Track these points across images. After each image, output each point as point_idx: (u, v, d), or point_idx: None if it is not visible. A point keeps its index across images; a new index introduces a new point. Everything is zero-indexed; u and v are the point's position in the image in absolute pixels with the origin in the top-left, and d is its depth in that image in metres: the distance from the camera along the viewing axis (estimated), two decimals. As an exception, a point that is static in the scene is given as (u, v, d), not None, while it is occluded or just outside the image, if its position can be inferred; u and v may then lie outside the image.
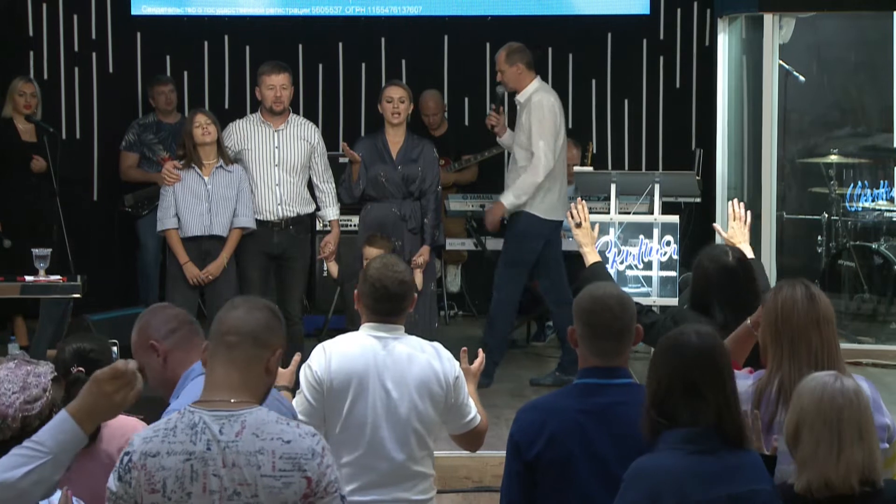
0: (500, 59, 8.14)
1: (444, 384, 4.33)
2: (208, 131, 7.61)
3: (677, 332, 3.52)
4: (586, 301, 3.84)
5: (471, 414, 4.45)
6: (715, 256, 4.84)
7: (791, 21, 9.17)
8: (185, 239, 7.62)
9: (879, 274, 9.42)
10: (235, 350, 3.13)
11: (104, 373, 2.88)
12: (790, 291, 3.98)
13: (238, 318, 3.17)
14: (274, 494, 3.03)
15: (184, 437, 3.04)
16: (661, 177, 7.41)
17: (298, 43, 10.38)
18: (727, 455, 3.37)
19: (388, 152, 7.86)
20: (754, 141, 9.31)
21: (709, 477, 3.33)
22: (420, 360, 4.32)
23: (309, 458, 3.06)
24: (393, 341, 4.32)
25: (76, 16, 10.32)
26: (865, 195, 9.40)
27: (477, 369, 4.56)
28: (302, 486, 3.04)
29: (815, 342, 3.90)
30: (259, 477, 3.02)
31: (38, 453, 2.82)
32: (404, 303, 4.36)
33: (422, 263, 7.80)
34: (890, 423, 3.98)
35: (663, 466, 3.36)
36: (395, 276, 4.32)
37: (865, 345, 9.04)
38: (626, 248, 7.00)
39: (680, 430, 3.37)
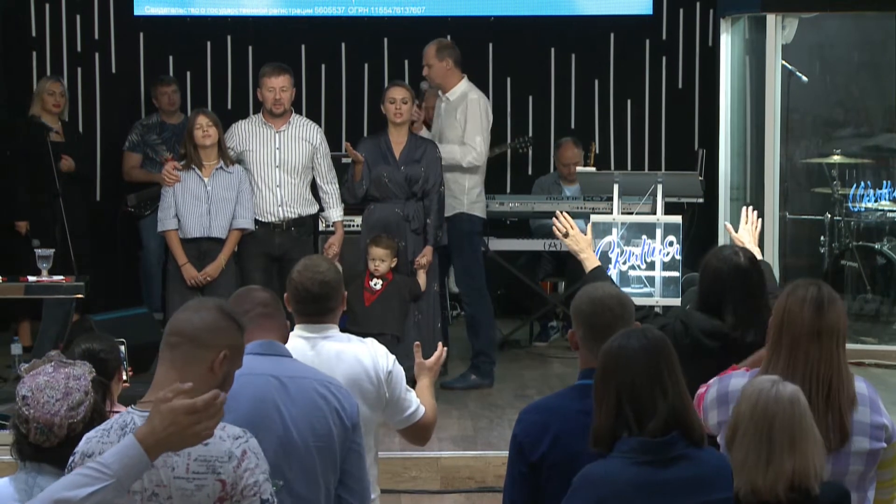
0: (430, 53, 8.14)
1: (374, 380, 4.28)
2: (208, 133, 7.61)
3: (618, 338, 3.47)
4: (585, 303, 3.82)
5: (411, 408, 4.37)
6: (726, 257, 4.81)
7: (794, 21, 9.16)
8: (185, 240, 7.63)
9: (882, 274, 9.42)
10: (176, 350, 3.11)
11: (181, 406, 2.81)
12: (801, 296, 3.91)
13: (182, 320, 3.15)
14: (186, 497, 3.01)
15: (115, 438, 3.03)
16: (664, 177, 7.39)
17: (301, 43, 10.39)
18: (685, 463, 3.32)
19: (391, 153, 7.86)
20: (757, 141, 9.30)
21: (657, 488, 3.29)
22: (348, 358, 4.27)
23: (225, 461, 3.03)
24: (322, 341, 4.28)
25: (79, 16, 10.33)
26: (868, 195, 9.40)
27: (433, 363, 4.51)
28: (216, 490, 3.02)
29: (814, 355, 3.85)
30: (173, 479, 3.01)
31: (102, 476, 2.78)
32: (330, 302, 4.31)
33: (425, 264, 7.81)
34: (888, 423, 3.96)
35: (609, 476, 3.32)
36: (315, 277, 4.27)
37: (868, 345, 9.04)
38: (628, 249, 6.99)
39: (632, 438, 3.33)
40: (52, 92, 8.94)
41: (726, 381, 4.06)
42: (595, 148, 10.20)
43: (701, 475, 3.33)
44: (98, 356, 4.34)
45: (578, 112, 10.51)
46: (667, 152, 10.52)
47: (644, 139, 10.54)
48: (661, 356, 3.39)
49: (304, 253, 7.88)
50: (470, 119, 8.11)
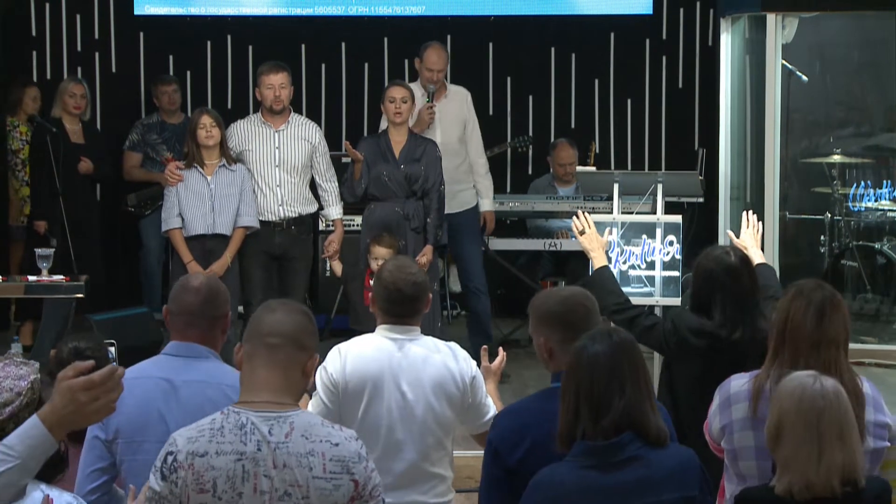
0: (444, 58, 8.32)
1: (460, 385, 4.31)
2: (212, 134, 7.61)
3: (590, 334, 3.48)
4: (555, 305, 3.82)
5: (489, 413, 4.41)
6: (717, 256, 4.82)
7: (794, 21, 9.16)
8: (189, 238, 7.63)
9: (882, 274, 9.43)
10: (277, 352, 3.12)
11: (77, 382, 2.81)
12: (804, 302, 3.93)
13: (279, 321, 3.16)
14: (325, 496, 3.03)
15: (233, 438, 3.03)
16: (664, 176, 7.38)
17: (301, 43, 10.39)
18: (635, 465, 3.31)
19: (390, 152, 7.86)
20: (757, 141, 9.30)
21: (603, 492, 3.29)
22: (435, 361, 4.31)
23: (356, 461, 3.07)
24: (408, 343, 4.31)
25: (79, 16, 10.32)
26: (868, 195, 9.40)
27: (497, 367, 4.55)
28: (350, 489, 3.05)
29: (813, 364, 3.85)
30: (311, 478, 3.03)
31: (6, 457, 2.78)
32: (419, 304, 4.34)
33: (425, 263, 7.80)
34: (891, 422, 3.96)
35: (556, 480, 3.33)
36: (408, 277, 4.31)
37: (868, 345, 9.04)
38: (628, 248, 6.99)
39: (583, 442, 3.34)
40: (74, 94, 8.95)
41: (726, 385, 4.06)
42: (595, 147, 10.20)
43: (650, 476, 3.33)
44: (84, 354, 4.34)
45: (578, 112, 10.51)
46: (667, 152, 10.52)
47: (644, 139, 10.54)
48: (623, 356, 3.40)
49: (304, 252, 7.91)
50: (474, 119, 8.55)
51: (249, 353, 3.16)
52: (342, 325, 8.88)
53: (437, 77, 8.26)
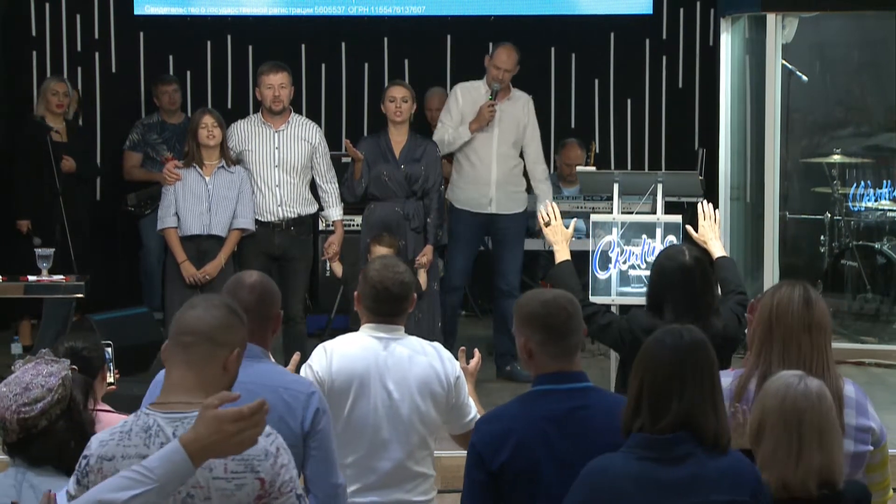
0: (514, 59, 8.26)
1: (445, 384, 4.32)
2: (213, 134, 7.60)
3: (663, 330, 3.46)
4: (538, 306, 3.79)
5: (471, 413, 4.44)
6: (671, 255, 4.82)
7: (794, 21, 9.16)
8: (184, 238, 7.62)
9: (882, 274, 9.42)
10: (191, 350, 3.08)
11: (227, 414, 2.79)
12: (788, 292, 3.94)
13: (194, 318, 3.12)
14: (227, 496, 3.00)
15: (138, 441, 3.01)
16: (664, 176, 7.39)
17: (301, 43, 10.39)
18: (688, 462, 3.29)
19: (391, 152, 7.87)
20: (757, 140, 9.30)
21: (656, 485, 3.27)
22: (421, 361, 4.31)
23: (262, 458, 3.03)
24: (394, 342, 4.32)
25: (79, 15, 10.32)
26: (868, 195, 9.40)
27: (474, 368, 4.54)
28: (255, 488, 3.02)
29: (806, 347, 3.86)
30: (211, 479, 2.99)
31: (146, 479, 2.77)
32: (405, 303, 4.35)
33: (425, 263, 7.81)
34: (875, 426, 3.95)
35: (610, 470, 3.32)
36: (395, 276, 4.30)
37: (868, 345, 9.04)
38: (628, 248, 6.99)
39: (642, 434, 3.32)
40: (56, 92, 8.92)
41: None
42: (595, 147, 10.19)
43: (702, 475, 3.30)
44: (80, 353, 4.35)
45: (578, 112, 10.51)
46: (667, 152, 10.52)
47: (644, 139, 10.53)
48: (689, 357, 3.37)
49: (303, 252, 7.91)
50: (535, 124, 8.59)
51: (168, 352, 3.13)
52: (342, 325, 8.88)
53: (503, 76, 8.21)
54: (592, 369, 8.62)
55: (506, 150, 8.31)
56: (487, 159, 8.28)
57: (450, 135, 8.26)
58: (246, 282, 4.00)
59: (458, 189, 8.40)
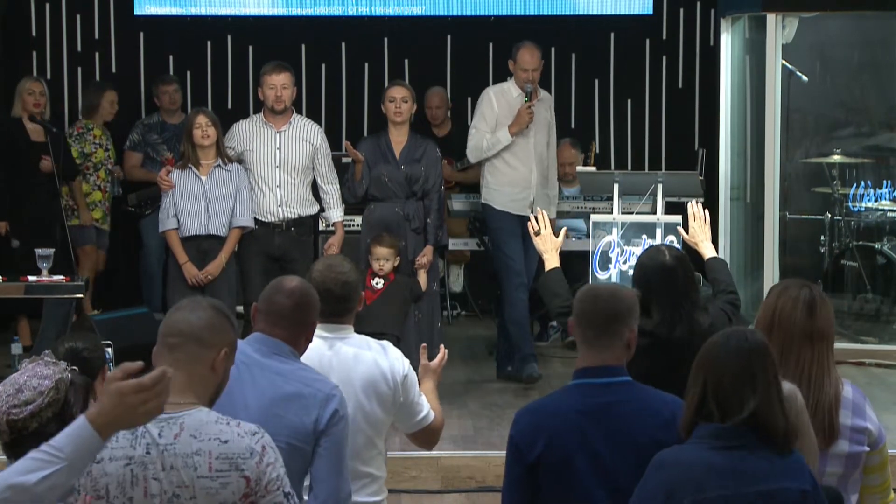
0: (539, 57, 8.15)
1: (391, 383, 4.28)
2: (207, 133, 7.60)
3: (726, 332, 3.48)
4: (585, 299, 3.84)
5: (422, 412, 4.39)
6: (652, 255, 4.84)
7: (794, 21, 9.16)
8: (184, 238, 7.62)
9: (882, 274, 9.42)
10: (177, 351, 3.12)
11: (128, 385, 2.79)
12: (793, 296, 3.93)
13: (180, 320, 3.16)
14: (212, 495, 3.02)
15: (125, 443, 3.05)
16: (664, 177, 7.40)
17: (301, 43, 10.39)
18: (762, 454, 3.31)
19: (391, 152, 7.86)
20: (757, 141, 9.30)
21: (731, 473, 3.28)
22: (366, 360, 4.28)
23: (247, 457, 3.05)
24: (339, 342, 4.28)
25: (79, 15, 10.33)
26: (868, 195, 9.40)
27: (437, 366, 4.52)
28: (241, 486, 3.04)
29: (805, 357, 3.87)
30: (196, 478, 3.02)
31: (54, 459, 2.78)
32: (349, 303, 4.31)
33: (425, 264, 7.81)
34: (872, 427, 3.95)
35: (683, 459, 3.33)
36: (337, 277, 4.27)
37: (868, 345, 9.04)
38: (628, 248, 6.99)
39: (710, 424, 3.33)
40: (32, 91, 8.86)
41: None
42: (595, 148, 10.19)
43: (771, 465, 3.31)
44: (81, 354, 4.33)
45: (578, 112, 10.51)
46: (667, 152, 10.52)
47: (644, 139, 10.54)
48: (755, 359, 3.37)
49: (304, 253, 7.90)
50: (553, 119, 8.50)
51: (156, 353, 3.17)
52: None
53: (533, 76, 8.11)
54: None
55: (542, 151, 8.26)
56: (528, 161, 8.19)
57: (487, 140, 8.14)
58: (286, 287, 3.99)
59: (495, 192, 8.25)
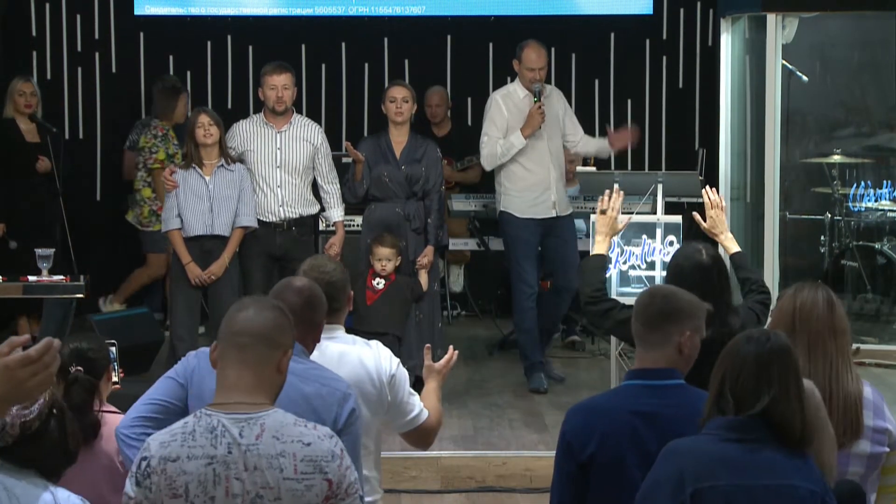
0: (545, 55, 8.10)
1: (376, 383, 4.26)
2: (210, 133, 7.60)
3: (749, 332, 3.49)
4: (641, 297, 3.89)
5: (413, 412, 4.36)
6: (689, 254, 4.81)
7: (794, 21, 9.16)
8: (187, 238, 7.62)
9: (882, 274, 9.42)
10: (247, 351, 3.11)
11: (14, 359, 2.73)
12: (811, 295, 3.96)
13: (248, 319, 3.15)
14: (297, 497, 3.02)
15: (204, 441, 3.03)
16: (664, 177, 7.40)
17: (301, 43, 10.39)
18: (774, 449, 3.31)
19: (391, 152, 7.86)
20: (757, 141, 9.30)
21: (741, 465, 3.29)
22: (351, 359, 4.26)
23: (329, 460, 3.06)
24: (326, 341, 4.26)
25: (79, 15, 10.32)
26: (868, 195, 9.40)
27: (442, 366, 4.50)
28: (324, 489, 3.05)
29: (832, 350, 3.89)
30: (282, 480, 3.02)
31: None
32: (335, 303, 4.27)
33: (426, 264, 7.81)
34: (892, 427, 3.96)
35: (693, 449, 3.34)
36: (321, 277, 4.23)
37: (869, 345, 9.04)
38: (629, 248, 6.99)
39: (724, 417, 3.34)
40: (23, 92, 8.86)
41: None
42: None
43: (782, 461, 3.31)
44: (86, 355, 4.32)
45: (578, 112, 10.44)
46: (667, 152, 10.52)
47: (644, 139, 10.53)
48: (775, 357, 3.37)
49: (305, 253, 7.87)
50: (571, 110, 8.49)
51: (222, 353, 3.15)
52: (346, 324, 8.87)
53: (539, 75, 8.05)
54: (592, 370, 8.61)
55: (557, 149, 8.20)
56: (545, 162, 8.10)
57: (501, 146, 8.05)
58: (295, 285, 3.99)
59: (516, 198, 8.14)
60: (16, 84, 8.92)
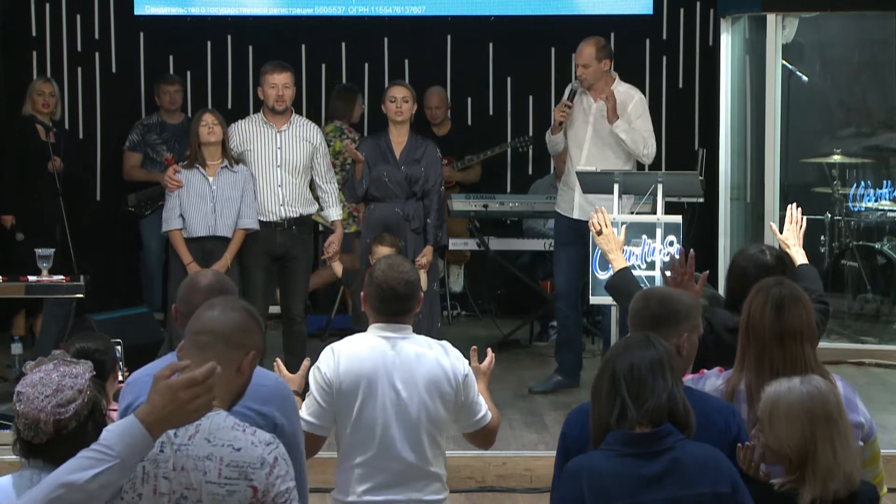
0: (588, 54, 7.94)
1: (453, 382, 4.31)
2: (214, 131, 7.60)
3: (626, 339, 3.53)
4: (636, 294, 3.92)
5: (481, 412, 4.44)
6: (752, 255, 4.79)
7: (794, 21, 9.17)
8: (189, 239, 7.62)
9: (882, 274, 9.42)
10: (207, 350, 3.08)
11: (180, 381, 2.78)
12: (762, 299, 3.95)
13: (212, 318, 3.13)
14: (217, 501, 3.00)
15: None
16: (665, 177, 7.39)
17: (301, 43, 10.39)
18: (670, 455, 3.33)
19: (391, 152, 7.86)
20: (757, 141, 9.30)
21: (636, 481, 3.31)
22: (429, 360, 4.31)
23: (257, 467, 3.02)
24: (401, 341, 4.31)
25: (79, 15, 10.33)
26: (868, 195, 9.40)
27: (487, 367, 4.54)
28: (247, 496, 3.01)
29: (777, 359, 3.89)
30: (204, 483, 3.00)
31: (106, 457, 2.77)
32: (411, 302, 4.34)
33: (425, 264, 7.80)
34: (865, 422, 3.99)
35: (590, 467, 3.37)
36: (400, 276, 4.31)
37: (868, 345, 9.05)
38: (629, 248, 6.98)
39: (619, 431, 3.36)
40: (42, 92, 8.91)
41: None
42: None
43: (683, 468, 3.33)
44: (93, 356, 4.31)
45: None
46: (667, 152, 10.48)
47: (644, 139, 10.52)
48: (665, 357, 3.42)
49: (305, 252, 7.91)
50: (643, 119, 8.02)
51: (185, 351, 3.14)
52: (342, 325, 8.89)
53: (581, 73, 7.94)
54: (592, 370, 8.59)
55: (597, 153, 7.94)
56: (577, 162, 7.95)
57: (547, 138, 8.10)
58: (201, 284, 3.97)
59: (561, 196, 8.13)
60: (36, 84, 9.02)
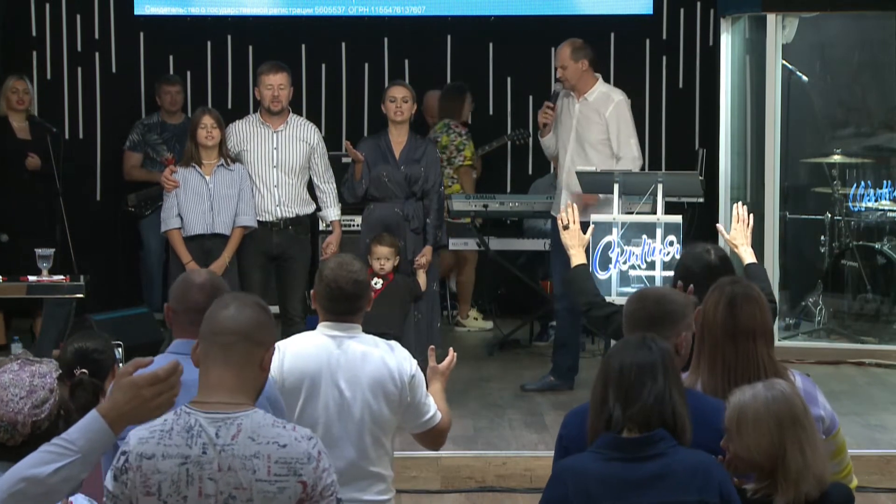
0: (565, 54, 7.86)
1: (398, 382, 4.29)
2: (212, 135, 7.60)
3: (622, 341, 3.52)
4: (630, 296, 3.92)
5: (429, 413, 4.41)
6: (697, 255, 4.79)
7: (794, 21, 9.16)
8: (188, 238, 7.62)
9: (882, 274, 9.41)
10: (230, 350, 3.09)
11: (143, 378, 2.80)
12: (716, 297, 3.94)
13: (229, 318, 3.12)
14: (269, 499, 3.01)
15: (180, 441, 3.02)
16: (665, 177, 7.39)
17: (301, 43, 10.39)
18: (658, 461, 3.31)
19: (391, 152, 7.86)
20: (757, 141, 9.30)
21: (622, 485, 3.30)
22: (374, 359, 4.29)
23: (304, 462, 3.04)
24: (348, 340, 4.29)
25: (79, 15, 10.33)
26: (868, 195, 9.40)
27: (446, 368, 4.52)
28: (297, 491, 3.03)
29: (730, 356, 3.87)
30: (254, 481, 3.00)
31: (67, 451, 2.79)
32: (360, 302, 4.32)
33: (424, 264, 7.80)
34: (825, 415, 3.99)
35: (577, 470, 3.36)
36: (349, 275, 4.28)
37: (868, 345, 9.04)
38: (628, 248, 6.99)
39: (609, 434, 3.35)
40: (16, 90, 8.87)
41: None
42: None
43: (672, 474, 3.32)
44: (91, 356, 4.31)
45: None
46: (667, 152, 10.51)
47: (644, 139, 10.51)
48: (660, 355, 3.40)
49: (302, 252, 7.91)
50: (622, 123, 7.84)
51: (204, 352, 3.13)
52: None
53: (560, 74, 7.90)
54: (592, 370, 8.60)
55: (580, 154, 7.88)
56: (563, 164, 7.96)
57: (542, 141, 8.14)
58: (195, 281, 3.99)
59: (555, 198, 8.14)
60: (9, 82, 8.95)
